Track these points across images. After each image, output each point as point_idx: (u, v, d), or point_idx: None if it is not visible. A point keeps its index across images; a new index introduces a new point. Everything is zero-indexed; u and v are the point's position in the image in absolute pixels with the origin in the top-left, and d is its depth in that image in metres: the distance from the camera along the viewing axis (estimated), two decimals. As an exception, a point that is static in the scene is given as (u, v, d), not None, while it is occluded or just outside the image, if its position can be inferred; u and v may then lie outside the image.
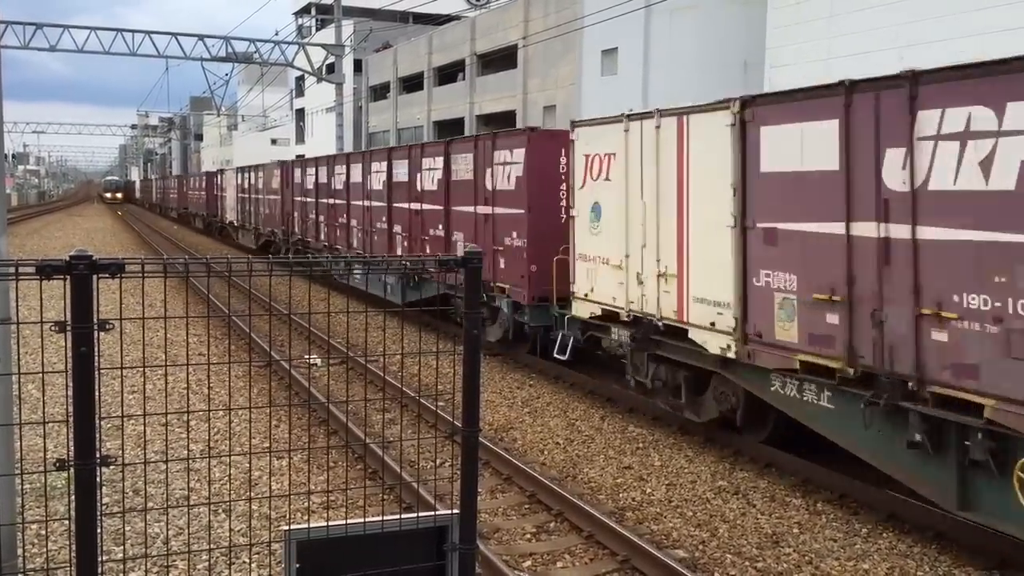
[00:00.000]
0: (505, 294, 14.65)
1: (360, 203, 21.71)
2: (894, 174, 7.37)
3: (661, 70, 32.34)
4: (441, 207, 17.13)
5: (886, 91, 7.46)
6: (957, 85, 6.88)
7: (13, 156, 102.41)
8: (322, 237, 24.98)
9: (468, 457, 3.49)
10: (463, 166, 16.32)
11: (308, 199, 26.55)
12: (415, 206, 18.37)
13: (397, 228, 19.39)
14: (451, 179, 16.81)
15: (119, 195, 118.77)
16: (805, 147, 8.24)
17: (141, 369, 6.95)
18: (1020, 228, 6.44)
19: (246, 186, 36.25)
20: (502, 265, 14.73)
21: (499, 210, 14.89)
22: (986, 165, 6.66)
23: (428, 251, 17.48)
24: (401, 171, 19.19)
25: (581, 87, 34.28)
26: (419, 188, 18.23)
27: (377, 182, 20.53)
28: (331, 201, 24.21)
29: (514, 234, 14.38)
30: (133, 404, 10.64)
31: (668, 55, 32.34)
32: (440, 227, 17.23)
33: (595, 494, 8.99)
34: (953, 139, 6.89)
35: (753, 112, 8.90)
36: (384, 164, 20.10)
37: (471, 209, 15.95)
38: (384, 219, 20.00)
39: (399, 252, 18.86)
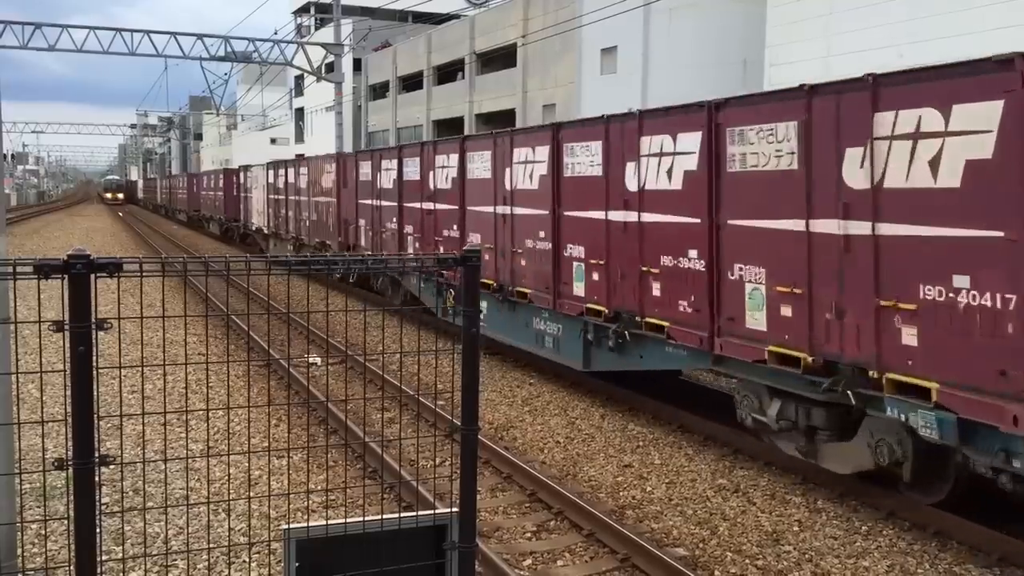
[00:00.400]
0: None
1: (504, 210, 14.16)
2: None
3: (660, 68, 32.34)
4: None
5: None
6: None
7: (12, 156, 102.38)
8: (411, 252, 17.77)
9: (467, 456, 3.48)
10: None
11: (383, 202, 19.68)
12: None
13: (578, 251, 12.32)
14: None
15: (120, 195, 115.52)
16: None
17: (140, 369, 6.95)
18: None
19: (280, 185, 29.82)
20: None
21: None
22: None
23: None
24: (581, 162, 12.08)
25: (580, 86, 34.28)
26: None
27: (527, 179, 13.48)
28: (426, 206, 17.15)
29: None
30: (133, 404, 10.63)
31: (667, 53, 32.33)
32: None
33: (595, 492, 8.99)
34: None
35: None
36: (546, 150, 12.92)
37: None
38: (554, 236, 12.78)
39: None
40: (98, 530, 3.00)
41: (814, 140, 8.06)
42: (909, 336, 7.25)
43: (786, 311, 8.49)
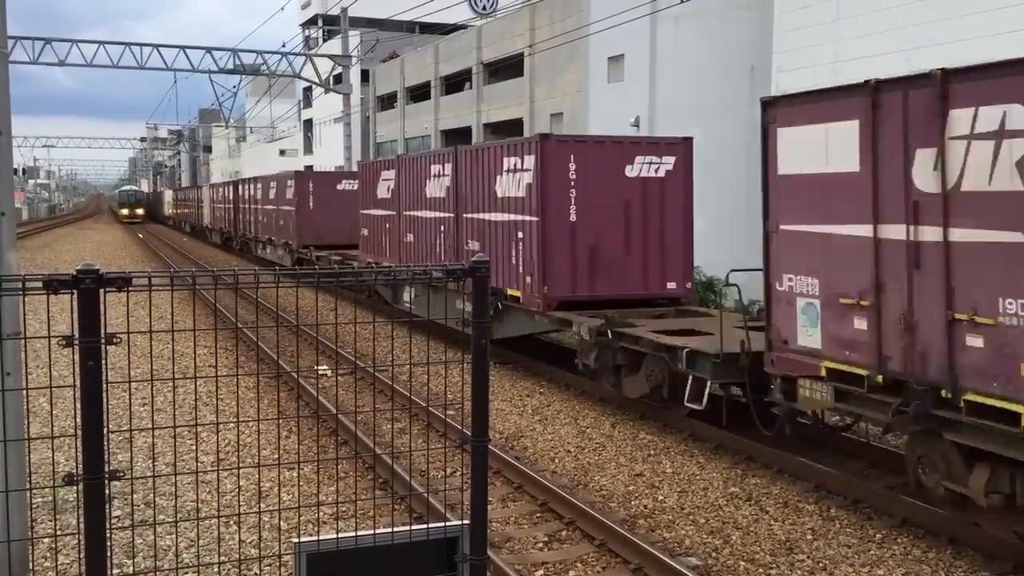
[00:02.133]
0: None
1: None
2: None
3: (668, 76, 32.33)
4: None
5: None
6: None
7: (23, 170, 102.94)
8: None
9: (478, 467, 3.47)
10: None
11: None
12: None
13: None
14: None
15: (139, 211, 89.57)
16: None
17: (150, 383, 6.93)
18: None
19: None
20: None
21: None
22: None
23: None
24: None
25: (588, 94, 34.29)
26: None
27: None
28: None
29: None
30: (144, 417, 10.65)
31: (674, 61, 32.32)
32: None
33: (607, 502, 8.95)
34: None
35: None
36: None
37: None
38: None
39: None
40: (108, 545, 3.00)
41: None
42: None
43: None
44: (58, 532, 7.46)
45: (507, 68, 40.62)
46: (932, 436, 7.62)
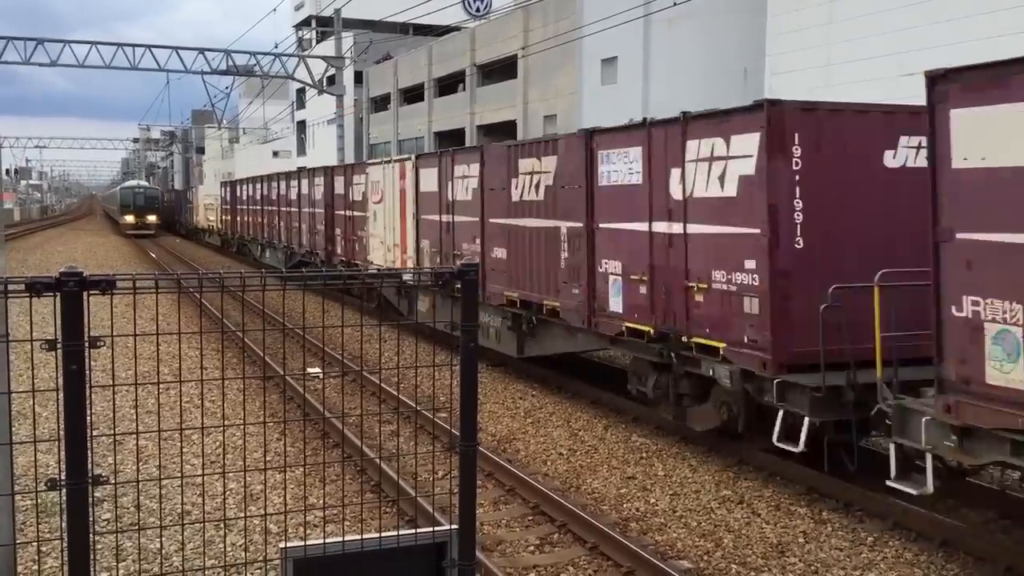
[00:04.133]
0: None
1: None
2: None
3: (661, 78, 32.39)
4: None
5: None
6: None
7: (15, 171, 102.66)
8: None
9: (467, 472, 3.44)
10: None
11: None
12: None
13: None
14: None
15: (151, 218, 64.93)
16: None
17: (135, 387, 6.89)
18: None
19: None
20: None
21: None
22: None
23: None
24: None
25: (581, 96, 34.29)
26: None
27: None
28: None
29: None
30: (132, 420, 10.59)
31: (668, 63, 32.39)
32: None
33: (599, 505, 8.93)
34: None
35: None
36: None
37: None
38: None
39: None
40: (91, 551, 2.96)
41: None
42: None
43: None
44: (46, 536, 7.41)
45: (501, 70, 40.61)
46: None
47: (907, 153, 9.50)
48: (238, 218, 40.00)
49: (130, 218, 63.94)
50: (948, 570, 7.37)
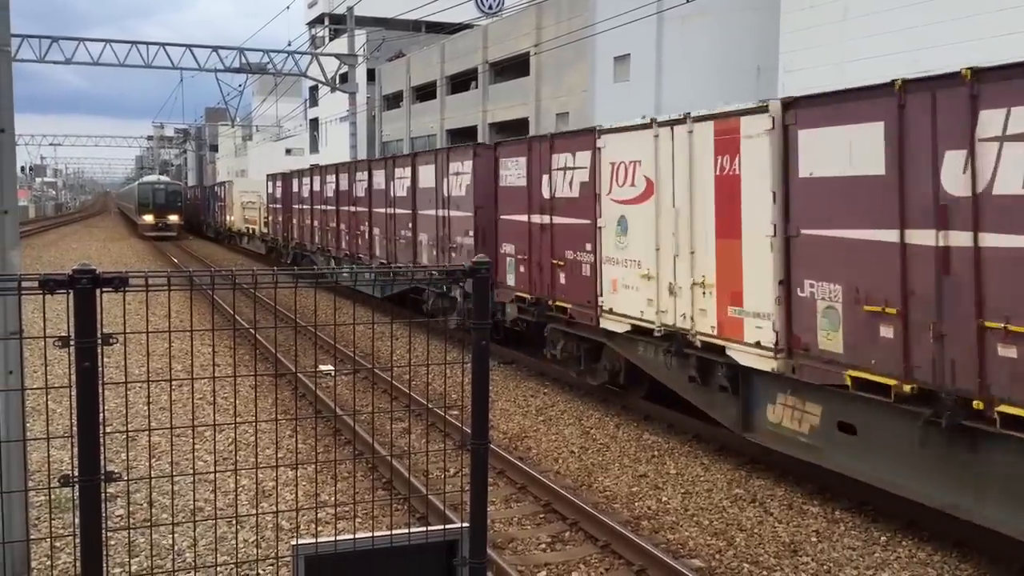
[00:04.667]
0: None
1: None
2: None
3: (674, 76, 32.32)
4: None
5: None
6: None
7: (30, 168, 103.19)
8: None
9: (478, 470, 3.44)
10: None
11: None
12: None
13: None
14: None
15: (173, 218, 56.55)
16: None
17: (147, 384, 6.93)
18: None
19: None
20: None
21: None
22: None
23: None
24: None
25: (594, 94, 34.25)
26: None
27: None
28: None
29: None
30: (146, 417, 10.63)
31: (681, 61, 32.31)
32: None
33: (610, 503, 8.92)
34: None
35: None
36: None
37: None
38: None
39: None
40: (104, 547, 2.97)
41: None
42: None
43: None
44: (60, 532, 7.45)
45: (513, 67, 40.60)
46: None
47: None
48: (294, 220, 30.66)
49: (149, 218, 55.59)
50: (962, 570, 7.32)
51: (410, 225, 19.09)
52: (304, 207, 28.98)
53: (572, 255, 12.59)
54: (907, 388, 7.23)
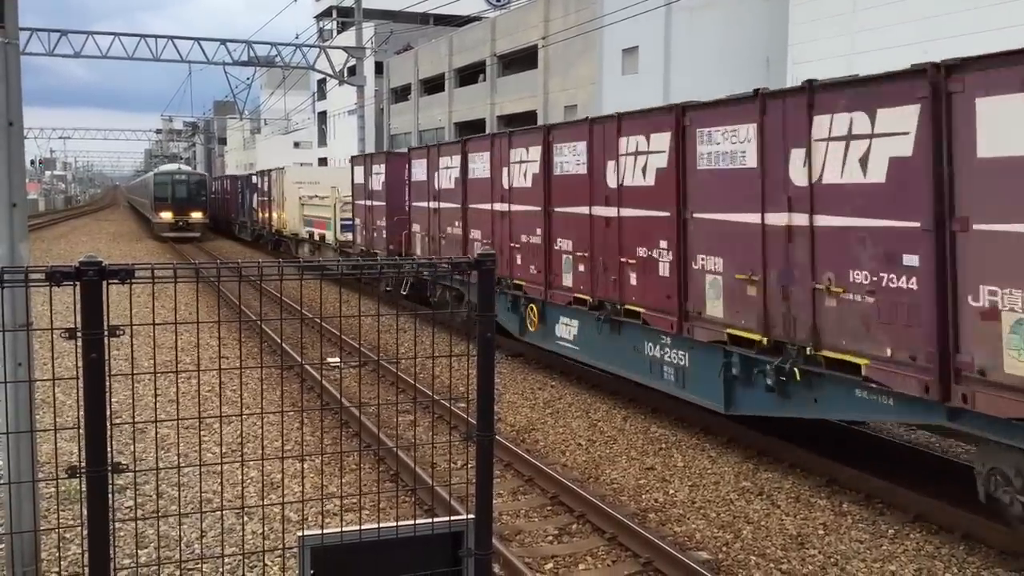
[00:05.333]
0: None
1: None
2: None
3: (682, 68, 32.23)
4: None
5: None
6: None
7: (40, 162, 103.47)
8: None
9: (483, 462, 3.45)
10: None
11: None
12: None
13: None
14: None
15: (196, 215, 46.96)
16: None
17: (153, 376, 7.00)
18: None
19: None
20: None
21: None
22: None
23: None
24: None
25: (602, 86, 34.19)
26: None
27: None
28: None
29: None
30: (149, 409, 10.68)
31: (689, 53, 32.23)
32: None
33: (617, 495, 8.93)
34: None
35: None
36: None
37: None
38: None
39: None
40: (112, 537, 2.99)
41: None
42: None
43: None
44: (69, 523, 7.49)
45: (521, 60, 40.55)
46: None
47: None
48: (421, 228, 19.05)
49: (167, 215, 45.59)
50: (969, 563, 7.31)
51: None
52: (444, 206, 17.69)
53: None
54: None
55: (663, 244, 10.78)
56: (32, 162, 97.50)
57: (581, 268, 12.61)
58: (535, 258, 13.88)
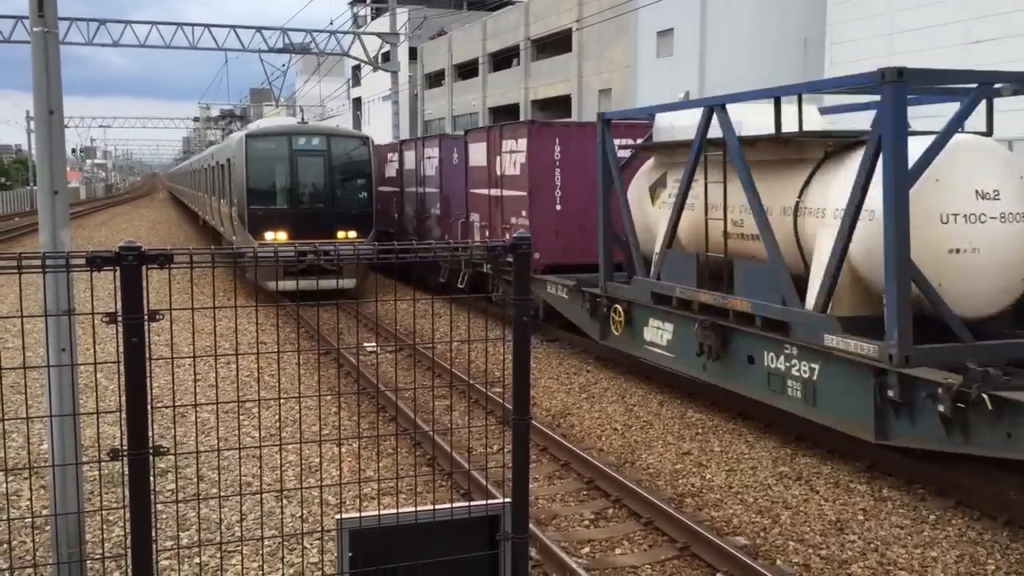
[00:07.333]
0: None
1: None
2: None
3: (718, 50, 31.86)
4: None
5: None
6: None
7: (81, 150, 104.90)
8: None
9: (519, 446, 3.45)
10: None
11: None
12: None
13: None
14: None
15: (352, 235, 18.97)
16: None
17: (192, 360, 7.10)
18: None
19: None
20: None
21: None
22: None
23: None
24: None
25: (636, 70, 33.94)
26: None
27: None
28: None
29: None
30: (189, 393, 10.82)
31: (725, 34, 31.84)
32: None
33: (654, 480, 8.90)
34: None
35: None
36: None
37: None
38: None
39: None
40: (153, 518, 3.03)
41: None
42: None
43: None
44: (112, 506, 7.62)
45: (555, 44, 40.35)
46: None
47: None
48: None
49: (281, 235, 18.98)
50: (1013, 549, 7.20)
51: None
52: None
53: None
54: None
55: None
56: (73, 151, 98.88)
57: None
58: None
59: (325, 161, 19.46)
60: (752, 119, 10.59)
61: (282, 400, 10.62)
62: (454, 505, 3.47)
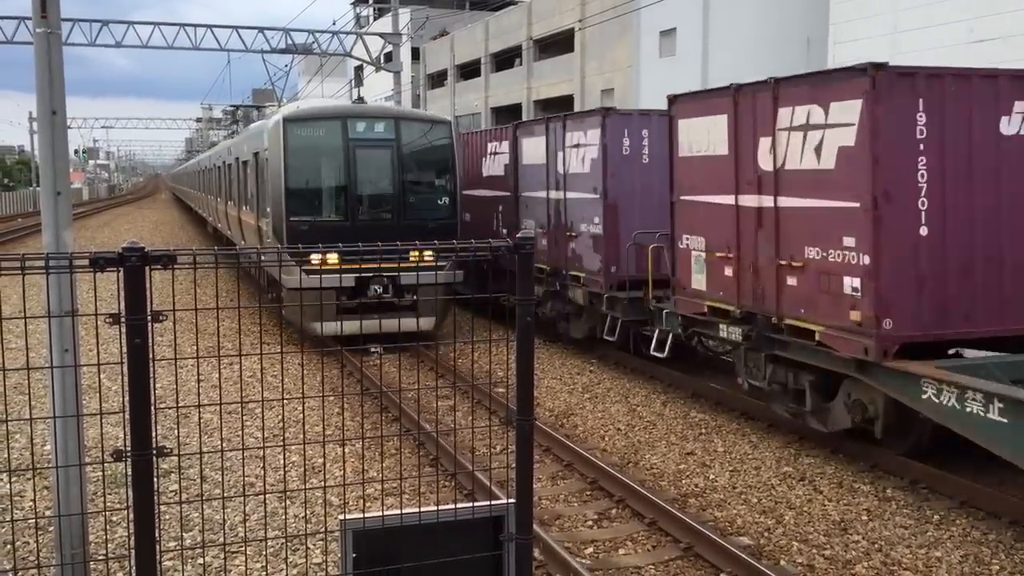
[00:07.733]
0: None
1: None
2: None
3: (721, 49, 31.82)
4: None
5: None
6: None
7: (84, 151, 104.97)
8: None
9: (523, 446, 3.44)
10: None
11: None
12: None
13: None
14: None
15: (425, 256, 13.16)
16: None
17: (198, 359, 7.11)
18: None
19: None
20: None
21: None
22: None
23: None
24: None
25: (639, 69, 33.92)
26: None
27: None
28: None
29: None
30: (199, 394, 10.81)
31: (728, 33, 31.80)
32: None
33: (657, 480, 8.89)
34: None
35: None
36: None
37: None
38: None
39: None
40: (156, 520, 3.02)
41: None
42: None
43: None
44: (115, 506, 7.62)
45: (557, 44, 40.32)
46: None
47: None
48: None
49: (332, 257, 11.97)
50: (1017, 549, 7.19)
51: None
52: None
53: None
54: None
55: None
56: (76, 151, 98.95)
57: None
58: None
59: (393, 154, 14.52)
60: None
61: (285, 401, 10.61)
62: (458, 506, 3.46)
